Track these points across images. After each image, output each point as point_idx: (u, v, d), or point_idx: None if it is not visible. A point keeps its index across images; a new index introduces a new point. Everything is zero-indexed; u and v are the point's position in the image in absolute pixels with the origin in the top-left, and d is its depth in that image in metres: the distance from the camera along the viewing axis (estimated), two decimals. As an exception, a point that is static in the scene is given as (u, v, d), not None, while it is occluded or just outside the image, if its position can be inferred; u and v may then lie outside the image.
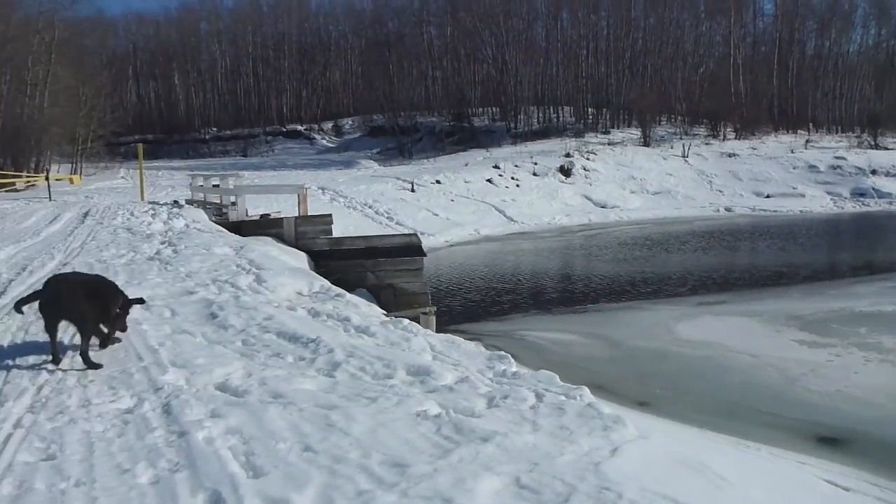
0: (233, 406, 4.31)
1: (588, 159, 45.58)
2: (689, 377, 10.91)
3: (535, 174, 42.54)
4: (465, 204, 36.13)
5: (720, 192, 44.16)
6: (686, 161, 47.85)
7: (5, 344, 5.82)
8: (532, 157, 45.10)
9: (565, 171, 43.69)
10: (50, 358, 5.17)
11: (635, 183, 43.84)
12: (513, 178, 41.26)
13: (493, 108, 66.57)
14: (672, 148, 50.33)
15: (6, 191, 32.58)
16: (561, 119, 62.69)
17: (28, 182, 36.77)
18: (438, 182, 38.31)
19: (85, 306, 5.20)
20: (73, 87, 54.14)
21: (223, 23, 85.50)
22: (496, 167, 42.34)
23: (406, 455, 3.64)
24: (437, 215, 33.13)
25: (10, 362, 5.28)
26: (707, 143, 52.64)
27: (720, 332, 13.45)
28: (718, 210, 41.40)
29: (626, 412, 5.72)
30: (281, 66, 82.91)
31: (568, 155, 45.97)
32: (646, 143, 51.89)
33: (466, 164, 44.32)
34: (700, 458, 4.11)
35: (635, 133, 55.11)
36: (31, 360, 5.30)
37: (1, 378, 4.91)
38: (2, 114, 47.98)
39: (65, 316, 5.19)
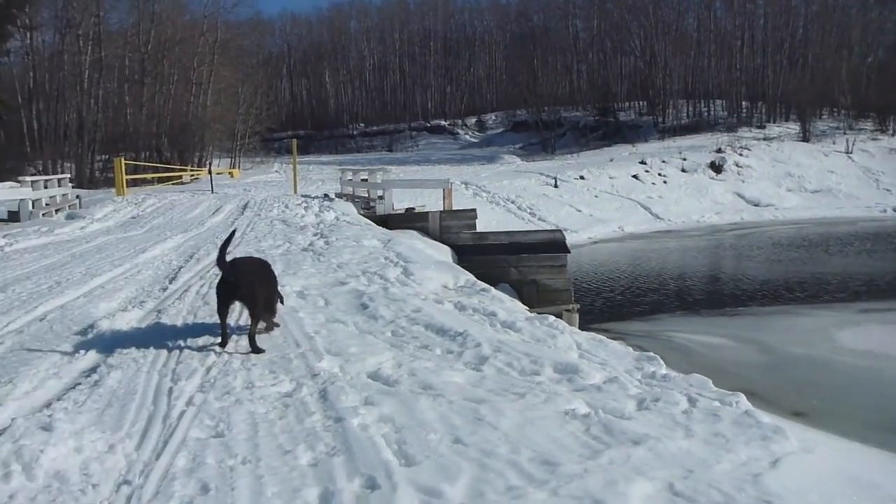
0: (385, 395, 4.42)
1: (741, 155, 43.56)
2: (852, 389, 10.23)
3: (683, 170, 41.11)
4: (609, 200, 35.50)
5: (888, 190, 41.05)
6: (850, 157, 44.81)
7: (178, 325, 6.24)
8: (681, 153, 43.62)
9: (716, 168, 41.97)
10: (218, 340, 5.50)
11: (792, 180, 41.49)
12: (660, 175, 40.09)
13: (640, 102, 65.03)
14: (834, 143, 47.24)
15: (173, 183, 35.00)
16: (712, 113, 60.31)
17: (193, 175, 39.27)
18: (582, 178, 37.80)
19: (258, 291, 5.49)
20: (233, 86, 57.42)
21: (371, 21, 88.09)
22: (642, 163, 41.27)
23: (555, 453, 3.61)
24: (580, 211, 32.73)
25: (182, 343, 5.65)
26: (874, 139, 49.07)
27: (887, 341, 12.51)
28: (885, 210, 38.43)
29: (783, 423, 5.43)
30: (426, 62, 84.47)
31: (719, 150, 44.13)
32: (805, 139, 49.01)
33: (611, 160, 43.49)
34: (871, 478, 3.85)
35: (793, 127, 52.22)
36: (200, 342, 5.66)
37: (174, 358, 5.27)
38: (170, 112, 51.58)
39: (240, 298, 5.51)
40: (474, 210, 16.02)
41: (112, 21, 51.82)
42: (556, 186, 35.84)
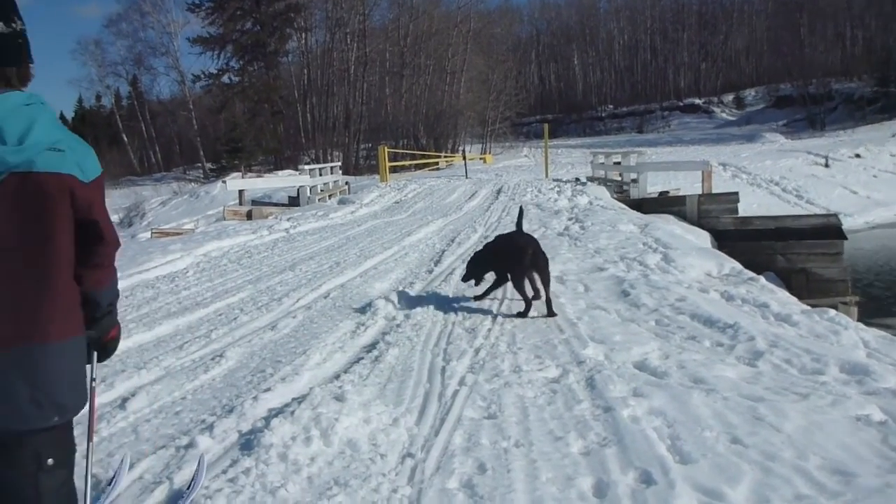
0: (654, 387, 4.31)
1: None
2: None
3: None
4: (890, 181, 31.87)
5: None
6: None
7: (445, 306, 6.54)
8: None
9: None
10: (480, 318, 5.73)
11: None
12: (953, 151, 35.30)
13: (928, 69, 57.49)
14: None
15: (430, 169, 36.73)
16: None
17: (448, 161, 40.96)
18: (858, 156, 34.29)
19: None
20: (484, 74, 58.95)
21: (621, 0, 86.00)
22: (931, 138, 36.58)
23: (848, 463, 3.31)
24: (855, 193, 29.73)
25: (450, 323, 5.93)
26: None
27: None
28: None
29: None
30: (679, 38, 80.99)
31: None
32: None
33: (894, 135, 38.98)
34: None
35: None
36: (467, 323, 5.90)
37: (444, 338, 5.54)
38: (426, 101, 54.15)
39: (537, 269, 6.23)
40: (736, 193, 15.16)
41: (375, 18, 55.39)
42: (826, 166, 32.84)
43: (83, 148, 2.10)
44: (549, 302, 6.12)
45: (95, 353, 2.44)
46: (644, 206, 15.49)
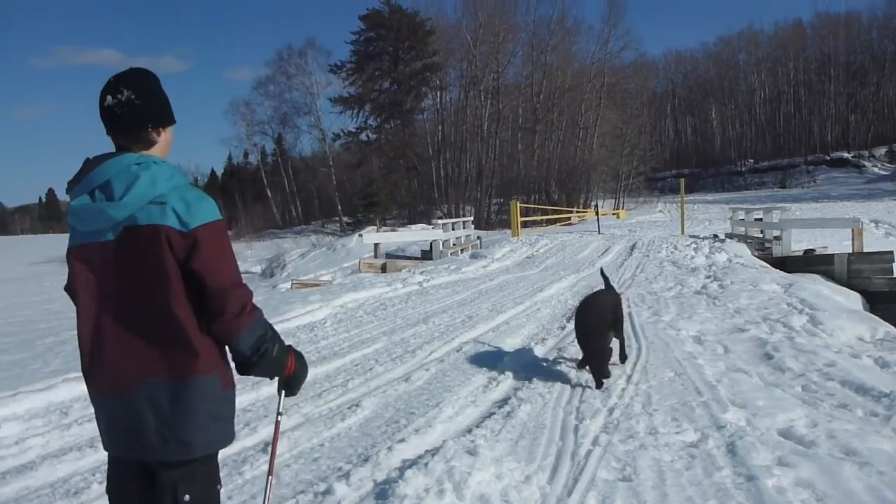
0: (801, 456, 4.08)
1: None
2: None
3: None
4: None
5: None
6: None
7: (577, 363, 6.47)
8: None
9: None
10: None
11: None
12: None
13: None
14: None
15: (562, 224, 36.59)
16: None
17: (580, 216, 40.70)
18: None
19: None
20: (618, 128, 58.61)
21: (762, 51, 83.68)
22: None
23: None
24: None
25: (583, 382, 5.86)
26: None
27: None
28: None
29: None
30: (825, 89, 77.72)
31: None
32: None
33: None
34: None
35: None
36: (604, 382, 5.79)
37: (577, 396, 5.48)
38: (558, 156, 54.30)
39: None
40: (891, 252, 14.21)
41: (509, 75, 56.37)
42: None
43: (189, 200, 2.20)
44: (620, 350, 6.44)
45: (283, 391, 2.56)
46: (788, 264, 14.80)
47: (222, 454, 2.51)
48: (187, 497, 2.31)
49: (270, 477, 2.58)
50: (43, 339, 9.74)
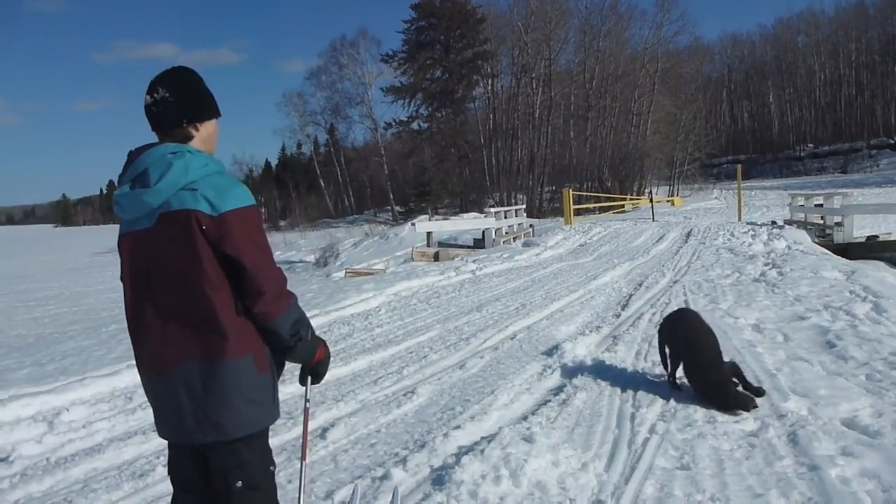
0: (865, 447, 3.99)
1: None
2: None
3: None
4: None
5: None
6: None
7: (633, 351, 6.42)
8: None
9: None
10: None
11: None
12: None
13: None
14: None
15: (615, 212, 36.20)
16: None
17: (633, 204, 40.20)
18: None
19: None
20: (672, 114, 57.56)
21: (822, 33, 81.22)
22: None
23: None
24: None
25: (639, 370, 5.82)
26: None
27: None
28: None
29: None
30: (889, 71, 75.11)
31: None
32: None
33: None
34: None
35: None
36: (658, 370, 5.73)
37: (633, 384, 5.43)
38: (611, 143, 53.66)
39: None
40: (959, 238, 13.76)
41: (561, 62, 55.83)
42: None
43: (220, 186, 2.27)
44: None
45: (309, 378, 2.62)
46: (850, 251, 14.44)
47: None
48: (239, 484, 2.38)
49: (304, 462, 2.62)
50: (107, 327, 10.03)
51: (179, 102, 2.36)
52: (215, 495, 2.43)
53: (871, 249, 14.70)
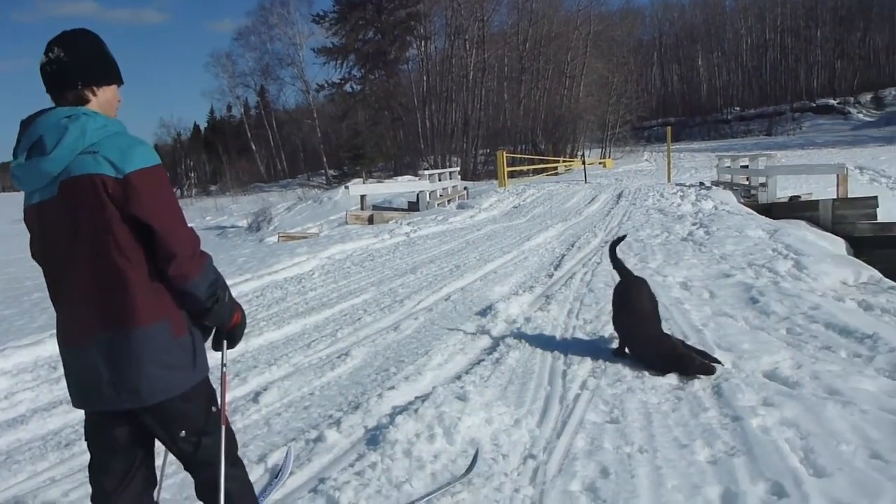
0: (785, 397, 4.14)
1: None
2: None
3: None
4: None
5: None
6: None
7: (566, 310, 6.52)
8: None
9: None
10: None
11: None
12: None
13: None
14: None
15: (548, 174, 36.49)
16: None
17: (566, 166, 40.59)
18: None
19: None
20: (604, 77, 58.17)
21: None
22: None
23: None
24: None
25: (571, 328, 5.91)
26: None
27: None
28: None
29: None
30: (812, 36, 77.11)
31: None
32: None
33: None
34: None
35: None
36: (588, 328, 5.85)
37: (564, 342, 5.53)
38: (544, 106, 53.96)
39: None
40: (875, 198, 14.30)
41: (494, 24, 55.64)
42: (979, 169, 30.40)
43: (123, 146, 2.17)
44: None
45: (225, 341, 2.54)
46: (773, 211, 14.88)
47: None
48: (183, 433, 2.35)
49: (224, 427, 2.52)
50: (29, 296, 9.71)
51: (75, 63, 2.24)
52: (148, 451, 2.43)
53: (794, 209, 15.16)
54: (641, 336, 4.98)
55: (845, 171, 16.03)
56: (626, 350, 5.11)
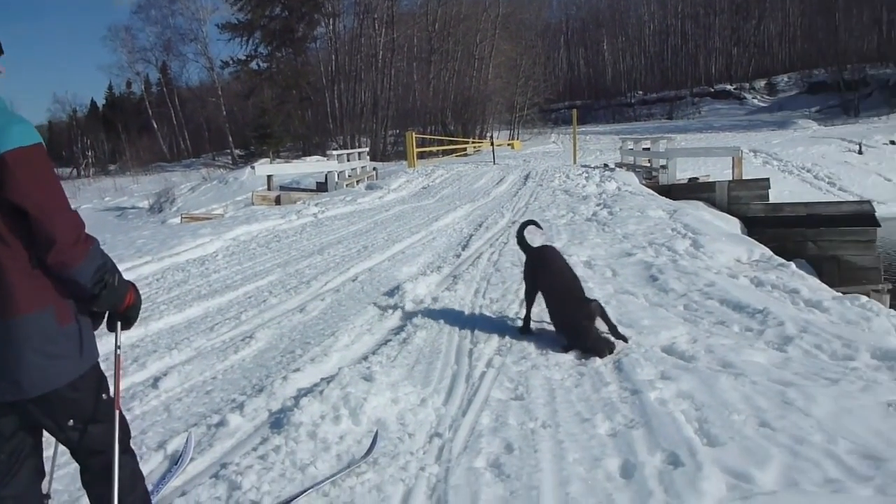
0: (681, 370, 4.30)
1: None
2: None
3: None
4: (927, 168, 31.19)
5: None
6: None
7: (472, 289, 6.56)
8: None
9: None
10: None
11: None
12: None
13: (968, 54, 56.15)
14: None
15: (458, 155, 36.63)
16: None
17: (475, 147, 40.81)
18: (893, 143, 33.62)
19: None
20: (513, 59, 58.60)
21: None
22: (970, 124, 35.70)
23: (879, 447, 3.27)
24: (889, 181, 29.11)
25: (478, 307, 5.96)
26: None
27: None
28: None
29: None
30: (711, 23, 79.73)
31: None
32: None
33: (930, 122, 38.19)
34: None
35: None
36: (495, 307, 5.91)
37: (471, 321, 5.57)
38: (454, 87, 54.00)
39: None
40: (766, 180, 14.97)
41: (403, 3, 55.21)
42: (860, 153, 32.20)
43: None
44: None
45: (118, 324, 2.43)
46: (673, 192, 15.36)
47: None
48: (70, 422, 2.25)
49: (117, 411, 2.44)
50: None
51: None
52: (36, 441, 2.32)
53: (692, 190, 15.70)
54: (563, 291, 5.02)
55: (740, 154, 16.70)
56: (548, 308, 5.12)
